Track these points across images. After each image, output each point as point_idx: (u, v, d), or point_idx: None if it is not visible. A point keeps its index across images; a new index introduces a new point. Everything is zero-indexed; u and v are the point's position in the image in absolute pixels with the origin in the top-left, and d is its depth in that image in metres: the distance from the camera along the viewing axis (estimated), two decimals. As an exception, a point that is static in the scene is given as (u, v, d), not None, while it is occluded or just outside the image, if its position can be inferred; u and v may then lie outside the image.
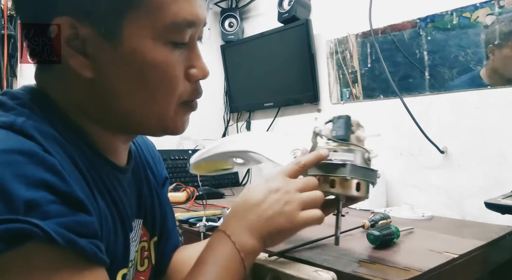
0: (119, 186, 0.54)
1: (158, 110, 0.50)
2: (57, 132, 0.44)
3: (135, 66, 0.46)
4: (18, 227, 0.34)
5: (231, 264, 0.51)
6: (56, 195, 0.37)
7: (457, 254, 0.72)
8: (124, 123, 0.51)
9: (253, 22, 1.87)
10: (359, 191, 0.59)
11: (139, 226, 0.61)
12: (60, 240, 0.36)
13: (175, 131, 0.53)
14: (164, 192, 0.71)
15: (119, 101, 0.48)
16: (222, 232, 0.54)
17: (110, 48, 0.45)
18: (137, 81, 0.47)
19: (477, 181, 1.12)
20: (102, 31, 0.45)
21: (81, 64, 0.46)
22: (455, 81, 1.17)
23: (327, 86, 1.54)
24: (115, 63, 0.46)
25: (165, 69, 0.47)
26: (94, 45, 0.45)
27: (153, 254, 0.65)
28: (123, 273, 0.52)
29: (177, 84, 0.49)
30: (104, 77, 0.47)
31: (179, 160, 1.70)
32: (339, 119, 0.63)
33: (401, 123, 1.26)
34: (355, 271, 0.63)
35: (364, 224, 0.86)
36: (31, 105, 0.45)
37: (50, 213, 0.36)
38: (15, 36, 1.39)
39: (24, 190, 0.35)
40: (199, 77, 0.51)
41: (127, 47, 0.45)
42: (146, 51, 0.46)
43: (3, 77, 1.36)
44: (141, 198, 0.63)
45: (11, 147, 0.37)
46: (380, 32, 1.34)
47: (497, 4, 1.08)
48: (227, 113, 1.97)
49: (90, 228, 0.40)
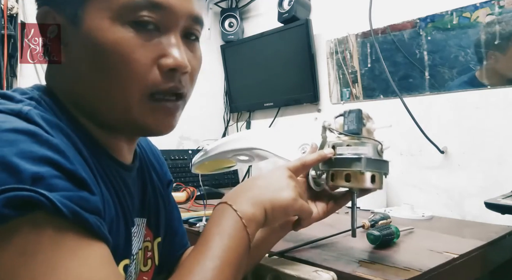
0: (122, 182, 0.54)
1: (121, 98, 0.47)
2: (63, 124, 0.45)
3: (92, 46, 0.46)
4: (26, 195, 0.35)
5: (234, 232, 0.51)
6: (60, 171, 0.38)
7: (457, 254, 0.72)
8: (96, 116, 0.50)
9: (253, 22, 1.87)
10: (374, 183, 0.60)
11: (143, 225, 0.61)
12: (66, 210, 0.36)
13: (147, 129, 0.50)
14: (168, 193, 0.72)
15: (85, 88, 0.48)
16: (223, 203, 0.54)
17: (75, 32, 0.47)
18: (96, 64, 0.46)
19: (477, 181, 1.12)
20: (68, 16, 0.47)
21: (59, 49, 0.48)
22: (455, 81, 1.17)
23: (327, 86, 1.54)
24: (78, 46, 0.47)
25: (119, 49, 0.45)
26: (66, 32, 0.48)
27: (156, 254, 0.65)
28: (125, 263, 0.52)
29: (138, 69, 0.46)
30: (72, 62, 0.48)
31: (179, 160, 1.70)
32: (350, 113, 0.63)
33: (401, 123, 1.26)
34: (355, 271, 0.63)
35: (364, 224, 0.86)
36: (39, 99, 0.46)
37: (55, 186, 0.37)
38: (15, 36, 1.39)
39: (30, 165, 0.36)
40: (170, 66, 0.47)
41: (85, 28, 0.46)
42: (102, 29, 0.45)
43: (3, 77, 1.36)
44: (145, 198, 0.63)
45: (17, 126, 0.38)
46: (380, 32, 1.34)
47: (497, 4, 1.08)
48: (227, 113, 1.97)
49: (93, 206, 0.40)
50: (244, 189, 0.56)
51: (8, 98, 0.45)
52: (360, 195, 0.64)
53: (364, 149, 0.60)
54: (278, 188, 0.56)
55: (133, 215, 0.57)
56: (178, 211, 0.75)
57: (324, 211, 0.65)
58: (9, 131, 0.37)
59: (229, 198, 0.54)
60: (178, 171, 1.67)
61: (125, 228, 0.53)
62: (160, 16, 0.47)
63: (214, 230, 0.50)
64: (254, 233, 0.53)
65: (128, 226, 0.54)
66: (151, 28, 0.47)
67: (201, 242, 0.50)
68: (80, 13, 0.46)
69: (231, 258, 0.48)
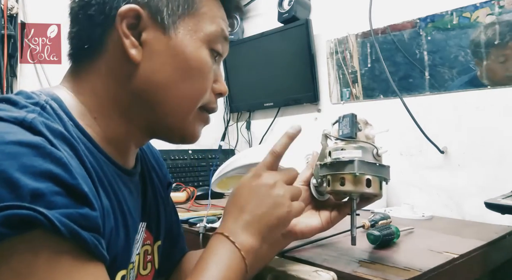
0: (125, 188, 0.54)
1: (187, 106, 0.54)
2: (67, 132, 0.45)
3: (183, 57, 0.52)
4: (24, 214, 0.34)
5: (232, 263, 0.51)
6: (61, 187, 0.38)
7: (457, 254, 0.72)
8: (150, 116, 0.54)
9: (253, 22, 1.87)
10: (369, 187, 0.59)
11: (143, 229, 0.61)
12: (64, 230, 0.36)
13: (190, 136, 0.57)
14: (167, 195, 0.72)
15: (157, 90, 0.52)
16: (220, 234, 0.53)
17: (164, 40, 0.52)
18: (179, 72, 0.52)
19: (477, 181, 1.12)
20: (163, 25, 0.51)
21: (133, 45, 0.51)
22: (455, 81, 1.17)
23: (327, 86, 1.54)
24: (165, 52, 0.52)
25: (204, 68, 0.54)
26: (150, 35, 0.51)
27: (156, 258, 0.65)
28: (122, 274, 0.52)
29: (208, 87, 0.56)
30: (151, 63, 0.51)
31: (179, 160, 1.70)
32: (344, 118, 0.63)
33: (401, 123, 1.26)
34: (355, 271, 0.63)
35: (364, 224, 0.86)
36: (44, 105, 0.46)
37: (54, 204, 0.36)
38: (15, 36, 1.39)
39: (30, 181, 0.36)
40: (221, 91, 0.59)
41: (179, 40, 0.52)
42: (194, 47, 0.53)
43: (3, 77, 1.36)
44: (145, 201, 0.63)
45: (19, 139, 0.38)
46: (380, 32, 1.34)
47: (497, 4, 1.08)
48: (227, 113, 1.97)
49: (93, 223, 0.40)
50: (235, 216, 0.55)
51: (12, 103, 0.44)
52: (362, 203, 0.63)
53: (358, 153, 0.59)
54: (269, 206, 0.55)
55: (136, 221, 0.57)
56: (177, 214, 0.75)
57: (327, 221, 0.64)
58: (12, 143, 0.37)
59: (225, 229, 0.54)
60: (178, 171, 1.68)
61: (125, 237, 0.52)
62: (223, 48, 0.58)
63: (211, 259, 0.51)
64: (252, 264, 0.53)
65: (128, 234, 0.54)
66: (215, 57, 0.57)
67: (197, 270, 0.50)
68: (175, 26, 0.52)
69: None
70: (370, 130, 0.63)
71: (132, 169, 0.58)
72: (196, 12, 0.53)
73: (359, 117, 0.63)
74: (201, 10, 0.53)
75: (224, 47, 0.58)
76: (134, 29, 0.51)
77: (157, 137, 0.58)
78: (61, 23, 1.55)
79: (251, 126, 1.89)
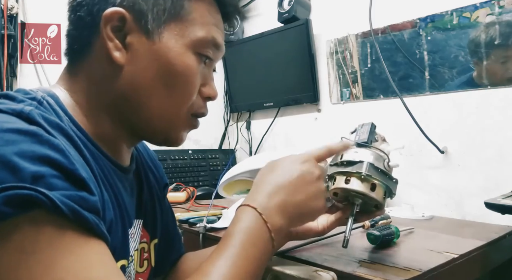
0: (121, 183, 0.55)
1: (171, 112, 0.54)
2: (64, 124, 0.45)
3: (165, 61, 0.51)
4: (26, 193, 0.35)
5: (261, 243, 0.50)
6: (60, 171, 0.38)
7: (457, 254, 0.72)
8: (134, 119, 0.53)
9: (253, 22, 1.87)
10: (373, 192, 0.59)
11: (139, 227, 0.61)
12: (65, 209, 0.37)
13: (175, 142, 0.57)
14: (164, 196, 0.72)
15: (140, 93, 0.52)
16: (252, 208, 0.52)
17: (148, 44, 0.51)
18: (162, 77, 0.52)
19: (477, 181, 1.12)
20: (146, 29, 0.51)
21: (118, 49, 0.51)
22: (455, 81, 1.17)
23: (327, 86, 1.54)
24: (148, 56, 0.51)
25: (188, 73, 0.53)
26: (134, 38, 0.51)
27: (153, 256, 0.65)
28: (122, 264, 0.52)
29: (193, 92, 0.55)
30: (134, 67, 0.51)
31: (179, 160, 1.70)
32: (363, 126, 0.65)
33: (401, 123, 1.26)
34: (355, 271, 0.63)
35: (364, 224, 0.86)
36: (41, 100, 0.47)
37: (54, 186, 0.37)
38: (15, 36, 1.39)
39: (30, 164, 0.36)
40: (210, 95, 0.57)
41: (162, 45, 0.51)
42: (178, 52, 0.52)
43: (3, 77, 1.36)
44: (141, 200, 0.63)
45: (18, 127, 0.39)
46: (380, 32, 1.34)
47: (497, 4, 1.08)
48: (227, 113, 1.97)
49: (92, 205, 0.40)
50: (270, 193, 0.54)
51: (10, 98, 0.45)
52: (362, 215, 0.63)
53: (370, 157, 0.60)
54: (309, 196, 0.55)
55: (131, 217, 0.57)
56: (173, 215, 0.76)
57: (323, 225, 0.64)
58: (10, 131, 0.38)
59: (257, 203, 0.53)
60: (178, 171, 1.68)
61: (122, 230, 0.53)
62: (214, 54, 0.56)
63: (239, 236, 0.50)
64: (279, 245, 0.54)
65: (125, 227, 0.54)
66: (204, 60, 0.55)
67: (224, 245, 0.49)
68: (159, 30, 0.51)
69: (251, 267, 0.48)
70: (386, 146, 0.64)
71: (127, 166, 0.58)
72: (183, 18, 0.53)
73: (378, 130, 0.64)
74: (190, 15, 0.53)
75: (216, 54, 0.57)
76: (119, 32, 0.51)
77: (141, 138, 0.59)
78: (61, 23, 1.55)
79: (251, 126, 1.89)
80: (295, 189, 0.55)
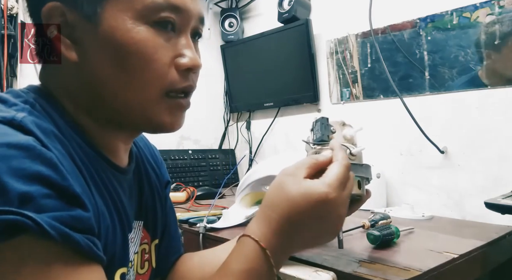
0: (119, 186, 0.53)
1: (141, 97, 0.48)
2: (57, 129, 0.44)
3: (113, 45, 0.46)
4: (11, 219, 0.33)
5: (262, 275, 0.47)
6: (51, 189, 0.37)
7: (457, 254, 0.72)
8: (110, 113, 0.50)
9: (253, 22, 1.87)
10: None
11: (140, 228, 0.60)
12: (54, 233, 0.35)
13: (162, 126, 0.50)
14: (166, 194, 0.71)
15: (102, 85, 0.48)
16: (259, 246, 0.47)
17: (92, 31, 0.46)
18: (116, 62, 0.47)
19: (477, 181, 1.12)
20: (85, 14, 0.46)
21: (67, 47, 0.47)
22: (455, 81, 1.17)
23: (327, 86, 1.54)
24: (96, 44, 0.46)
25: (143, 49, 0.46)
26: (79, 30, 0.47)
27: (153, 257, 0.65)
28: (122, 272, 0.51)
29: (159, 69, 0.48)
30: (88, 60, 0.47)
31: (179, 160, 1.70)
32: (316, 123, 0.62)
33: (401, 123, 1.26)
34: (355, 271, 0.63)
35: (364, 224, 0.86)
36: (33, 102, 0.45)
37: (44, 207, 0.36)
38: (15, 36, 1.39)
39: (19, 184, 0.35)
40: (187, 65, 0.49)
41: (106, 27, 0.46)
42: (124, 29, 0.46)
43: (3, 77, 1.36)
44: (142, 200, 0.62)
45: (9, 141, 0.37)
46: (380, 32, 1.34)
47: (497, 4, 1.08)
48: (227, 113, 1.97)
49: (85, 224, 0.39)
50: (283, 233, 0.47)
51: (2, 101, 0.43)
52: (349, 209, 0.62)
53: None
54: (325, 230, 0.49)
55: (131, 220, 0.56)
56: (175, 214, 0.74)
57: None
58: (1, 146, 0.36)
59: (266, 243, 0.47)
60: (178, 171, 1.68)
61: (122, 236, 0.51)
62: (177, 17, 0.48)
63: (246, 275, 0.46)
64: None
65: (125, 234, 0.53)
66: (169, 29, 0.48)
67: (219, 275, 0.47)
68: (98, 11, 0.46)
69: None
70: (348, 131, 0.62)
71: (125, 167, 0.56)
72: None
73: (334, 120, 0.62)
74: None
75: (180, 17, 0.48)
76: (66, 28, 0.46)
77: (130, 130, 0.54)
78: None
79: (251, 126, 1.89)
80: (313, 227, 0.48)
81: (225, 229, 0.98)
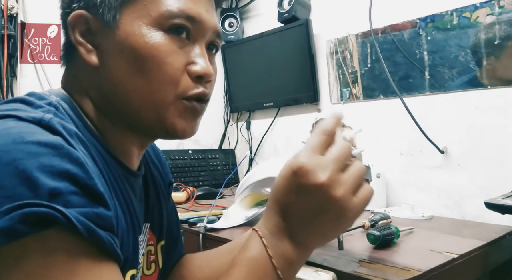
0: (131, 189, 0.55)
1: (154, 100, 0.49)
2: (79, 131, 0.45)
3: (129, 50, 0.48)
4: (42, 211, 0.35)
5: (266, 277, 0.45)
6: (78, 186, 0.38)
7: (457, 254, 0.72)
8: (126, 116, 0.51)
9: (253, 22, 1.87)
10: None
11: (146, 230, 0.61)
12: (81, 227, 0.36)
13: (174, 130, 0.51)
14: (168, 195, 0.71)
15: (119, 89, 0.50)
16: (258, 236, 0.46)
17: (110, 36, 0.49)
18: (131, 66, 0.49)
19: (477, 181, 1.12)
20: (105, 20, 0.49)
21: (89, 52, 0.50)
22: (455, 81, 1.17)
23: (327, 86, 1.54)
24: (113, 49, 0.49)
25: (155, 53, 0.48)
26: (100, 35, 0.50)
27: (160, 257, 0.65)
28: (132, 274, 0.52)
29: (172, 73, 0.49)
30: (106, 64, 0.50)
31: (179, 160, 1.70)
32: (315, 124, 0.62)
33: (401, 123, 1.26)
34: (355, 271, 0.63)
35: (364, 224, 0.86)
36: (57, 105, 0.46)
37: (71, 203, 0.37)
38: (15, 36, 1.39)
39: (49, 180, 0.36)
40: (199, 73, 0.51)
41: (122, 32, 0.49)
42: (139, 34, 0.48)
43: (3, 77, 1.36)
44: (148, 202, 0.63)
45: (39, 139, 0.38)
46: (380, 32, 1.34)
47: (497, 4, 1.08)
48: (227, 113, 1.97)
49: (108, 222, 0.40)
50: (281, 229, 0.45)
51: (27, 103, 0.44)
52: None
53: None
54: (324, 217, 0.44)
55: (141, 223, 0.57)
56: (177, 214, 0.75)
57: None
58: (31, 143, 0.37)
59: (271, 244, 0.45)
60: (178, 171, 1.68)
61: (133, 239, 0.52)
62: (192, 26, 0.50)
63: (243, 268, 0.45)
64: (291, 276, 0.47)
65: (136, 236, 0.53)
66: (183, 36, 0.50)
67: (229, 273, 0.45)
68: (117, 17, 0.49)
69: None
70: (347, 132, 0.62)
71: (137, 171, 0.58)
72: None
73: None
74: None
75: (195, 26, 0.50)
76: (89, 35, 0.50)
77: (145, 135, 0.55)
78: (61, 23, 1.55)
79: (251, 126, 1.89)
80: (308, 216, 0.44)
81: (225, 229, 0.98)
